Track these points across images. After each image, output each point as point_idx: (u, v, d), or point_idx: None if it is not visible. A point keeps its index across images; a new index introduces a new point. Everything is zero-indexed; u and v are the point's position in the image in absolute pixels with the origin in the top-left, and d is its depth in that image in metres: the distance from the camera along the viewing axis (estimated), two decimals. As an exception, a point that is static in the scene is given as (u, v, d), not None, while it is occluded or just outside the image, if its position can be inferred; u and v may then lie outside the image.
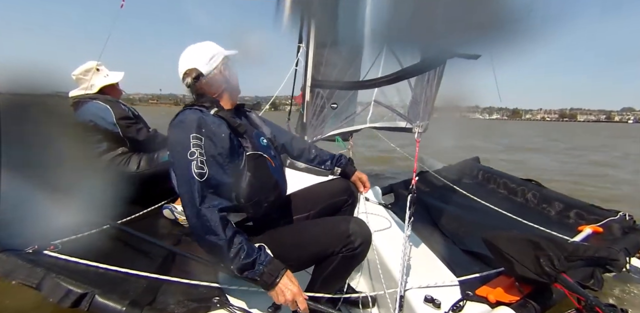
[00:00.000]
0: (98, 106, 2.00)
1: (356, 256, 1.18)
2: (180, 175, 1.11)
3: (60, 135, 1.34)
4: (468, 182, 3.08)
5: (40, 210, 1.15)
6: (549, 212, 2.38)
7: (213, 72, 1.27)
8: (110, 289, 1.07)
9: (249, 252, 1.04)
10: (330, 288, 1.25)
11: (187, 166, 1.09)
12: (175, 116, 1.22)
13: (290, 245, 1.20)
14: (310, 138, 3.05)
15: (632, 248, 1.68)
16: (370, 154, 6.39)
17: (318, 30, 2.68)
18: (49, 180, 1.22)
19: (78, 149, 1.62)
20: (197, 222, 1.05)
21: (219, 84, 1.30)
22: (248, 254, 1.03)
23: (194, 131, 1.13)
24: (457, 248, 1.92)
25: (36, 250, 1.22)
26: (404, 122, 2.82)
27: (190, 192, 1.06)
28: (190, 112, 1.19)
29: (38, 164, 1.25)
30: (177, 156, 1.12)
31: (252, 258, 1.03)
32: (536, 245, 1.25)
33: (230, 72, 1.33)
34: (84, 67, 2.10)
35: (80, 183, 1.27)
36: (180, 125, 1.16)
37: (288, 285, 1.04)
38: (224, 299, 1.15)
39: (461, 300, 1.21)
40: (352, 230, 1.18)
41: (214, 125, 1.18)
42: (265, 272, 1.03)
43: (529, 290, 1.26)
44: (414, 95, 2.64)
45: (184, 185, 1.08)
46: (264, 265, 1.04)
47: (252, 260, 1.03)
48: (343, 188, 1.54)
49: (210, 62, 1.27)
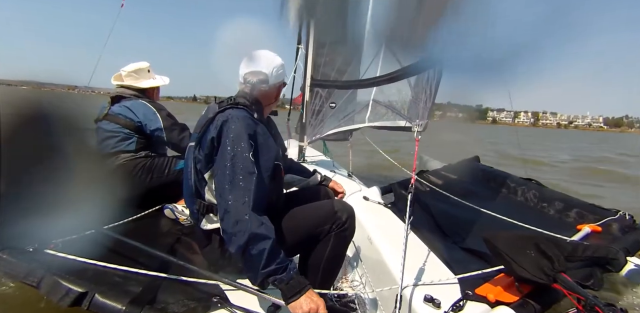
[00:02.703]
0: (147, 108, 2.00)
1: (346, 231, 1.27)
2: (237, 173, 1.09)
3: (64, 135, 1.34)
4: (468, 181, 3.08)
5: (40, 210, 1.14)
6: (548, 211, 2.38)
7: (274, 84, 1.34)
8: (110, 288, 1.07)
9: (283, 257, 1.06)
10: (329, 277, 1.31)
11: (249, 166, 1.10)
12: (215, 115, 1.21)
13: (284, 230, 1.23)
14: (309, 137, 3.05)
15: (631, 247, 1.68)
16: (370, 153, 6.39)
17: (318, 30, 2.68)
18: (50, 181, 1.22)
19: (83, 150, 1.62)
20: (242, 227, 1.04)
21: (270, 97, 1.38)
22: (283, 260, 1.05)
23: (250, 132, 1.16)
24: (457, 247, 1.92)
25: (36, 249, 1.22)
26: (403, 121, 2.82)
27: (242, 196, 1.07)
28: (239, 112, 1.20)
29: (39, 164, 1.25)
30: (237, 155, 1.11)
31: (285, 263, 1.04)
32: (535, 246, 1.25)
33: (279, 93, 1.43)
34: (137, 66, 2.12)
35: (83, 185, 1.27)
36: (237, 123, 1.16)
37: (313, 297, 1.03)
38: (224, 299, 1.14)
39: (461, 300, 1.21)
40: (336, 207, 1.29)
41: (262, 130, 1.22)
42: (294, 279, 1.03)
43: (528, 289, 1.26)
44: (414, 94, 2.64)
45: (236, 188, 1.08)
46: (294, 272, 1.05)
47: (286, 265, 1.04)
48: (324, 193, 1.64)
49: (278, 75, 1.34)
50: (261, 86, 1.31)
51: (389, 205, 2.20)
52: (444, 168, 3.40)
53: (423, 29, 1.30)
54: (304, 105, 2.99)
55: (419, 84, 2.60)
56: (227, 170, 1.10)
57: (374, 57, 2.57)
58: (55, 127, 1.32)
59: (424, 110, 2.37)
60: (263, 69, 1.30)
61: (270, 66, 1.31)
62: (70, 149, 1.34)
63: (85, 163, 1.38)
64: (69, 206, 1.13)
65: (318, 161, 3.09)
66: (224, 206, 1.08)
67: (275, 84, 1.35)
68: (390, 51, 2.29)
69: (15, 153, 1.16)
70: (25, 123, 1.24)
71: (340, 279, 1.67)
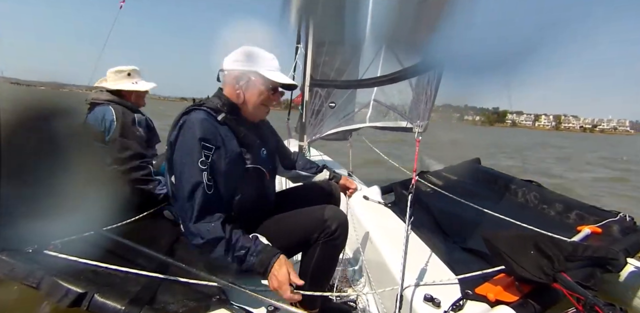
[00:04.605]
0: (110, 114, 1.87)
1: (335, 240, 1.21)
2: (184, 185, 1.10)
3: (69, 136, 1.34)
4: (469, 182, 3.08)
5: (40, 211, 1.14)
6: (549, 212, 2.38)
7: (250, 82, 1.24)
8: (109, 289, 1.07)
9: (243, 245, 1.07)
10: (320, 282, 1.26)
11: (195, 175, 1.09)
12: (179, 117, 1.18)
13: (272, 235, 1.21)
14: (309, 137, 3.05)
15: (631, 248, 1.68)
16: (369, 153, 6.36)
17: (317, 30, 2.67)
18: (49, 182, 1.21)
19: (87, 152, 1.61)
20: (195, 233, 1.09)
21: (249, 96, 1.25)
22: (241, 247, 1.07)
23: (205, 136, 1.12)
24: (457, 247, 1.92)
25: (36, 250, 1.22)
26: (404, 122, 2.82)
27: (191, 207, 1.09)
28: (197, 114, 1.16)
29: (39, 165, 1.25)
30: (185, 163, 1.11)
31: (244, 250, 1.07)
32: (535, 245, 1.25)
33: (266, 93, 1.27)
34: (118, 67, 2.06)
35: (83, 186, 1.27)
36: (189, 130, 1.13)
37: (275, 272, 1.04)
38: (224, 298, 1.14)
39: (461, 299, 1.21)
40: (327, 215, 1.21)
41: (224, 133, 1.17)
42: (256, 262, 1.06)
43: (528, 289, 1.26)
44: (415, 95, 2.64)
45: (187, 197, 1.09)
46: (254, 256, 1.06)
47: (244, 253, 1.07)
48: (326, 192, 1.56)
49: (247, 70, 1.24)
50: (228, 84, 1.24)
51: (389, 204, 2.20)
52: (444, 170, 3.40)
53: (424, 31, 1.30)
54: (303, 105, 3.00)
55: (420, 85, 2.60)
56: (176, 180, 1.13)
57: (374, 57, 2.57)
58: (56, 127, 1.32)
59: (424, 111, 2.36)
60: (228, 64, 1.24)
61: (236, 61, 1.22)
62: (71, 149, 1.34)
63: (85, 164, 1.38)
64: (68, 207, 1.13)
65: (318, 161, 3.09)
66: (179, 214, 1.15)
67: (248, 82, 1.22)
68: (391, 52, 2.29)
69: (15, 154, 1.16)
70: (25, 123, 1.24)
71: (341, 279, 1.67)
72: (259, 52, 1.26)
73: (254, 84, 1.23)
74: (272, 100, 1.29)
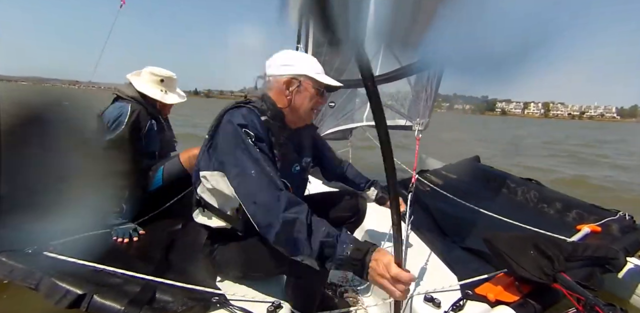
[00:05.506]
0: (123, 111, 1.76)
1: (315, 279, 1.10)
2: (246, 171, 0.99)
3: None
4: (468, 180, 3.08)
5: (40, 212, 1.14)
6: (548, 211, 2.38)
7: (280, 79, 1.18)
8: (108, 289, 1.07)
9: (329, 231, 0.91)
10: (308, 302, 1.18)
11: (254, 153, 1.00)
12: (222, 113, 1.12)
13: (255, 258, 1.17)
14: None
15: (631, 247, 1.68)
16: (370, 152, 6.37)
17: (316, 30, 2.66)
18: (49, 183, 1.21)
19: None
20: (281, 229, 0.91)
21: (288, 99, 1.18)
22: (328, 233, 0.90)
23: (245, 124, 1.05)
24: (457, 246, 1.92)
25: (35, 250, 1.22)
26: (403, 120, 2.82)
27: (273, 196, 0.95)
28: (240, 110, 1.10)
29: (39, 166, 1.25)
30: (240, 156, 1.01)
31: (331, 238, 0.89)
32: (535, 246, 1.25)
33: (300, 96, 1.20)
34: (157, 71, 1.94)
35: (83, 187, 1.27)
36: (228, 123, 1.06)
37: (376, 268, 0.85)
38: (223, 298, 1.14)
39: (461, 300, 1.21)
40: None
41: (263, 133, 1.10)
42: (348, 257, 0.87)
43: (528, 289, 1.26)
44: (415, 93, 2.63)
45: (263, 190, 0.97)
46: (346, 244, 0.88)
47: (335, 239, 0.89)
48: (351, 205, 1.45)
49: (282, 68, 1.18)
50: (276, 90, 1.18)
51: (389, 204, 2.20)
52: (444, 168, 3.40)
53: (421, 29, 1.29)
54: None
55: (420, 83, 2.59)
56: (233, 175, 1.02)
57: (372, 56, 2.56)
58: (56, 128, 1.31)
59: (424, 108, 2.36)
60: (274, 70, 1.18)
61: (283, 66, 1.17)
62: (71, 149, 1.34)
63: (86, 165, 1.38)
64: (68, 208, 1.13)
65: None
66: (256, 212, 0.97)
67: (299, 86, 1.17)
68: (389, 50, 2.28)
69: (16, 155, 1.16)
70: (25, 124, 1.23)
71: (341, 279, 1.67)
72: (303, 55, 1.23)
73: (305, 88, 1.18)
74: (320, 103, 1.25)
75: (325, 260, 0.89)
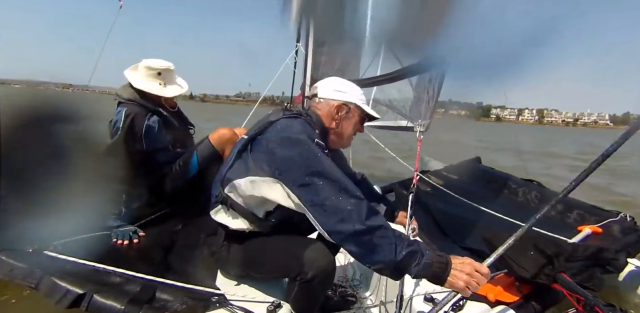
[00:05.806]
0: (119, 116, 1.73)
1: (313, 287, 1.08)
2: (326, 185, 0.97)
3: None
4: (469, 181, 3.07)
5: (40, 212, 1.15)
6: (549, 212, 2.37)
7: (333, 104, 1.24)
8: (109, 288, 1.07)
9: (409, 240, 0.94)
10: (307, 305, 1.17)
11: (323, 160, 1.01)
12: (276, 119, 1.12)
13: (258, 260, 1.18)
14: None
15: (632, 248, 1.67)
16: (370, 152, 6.38)
17: (317, 29, 2.67)
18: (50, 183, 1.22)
19: None
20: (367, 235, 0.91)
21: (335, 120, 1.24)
22: (409, 242, 0.93)
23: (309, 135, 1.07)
24: (457, 247, 1.92)
25: (36, 250, 1.22)
26: (404, 121, 2.81)
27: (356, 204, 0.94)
28: (299, 120, 1.12)
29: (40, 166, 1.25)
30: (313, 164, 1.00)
31: (414, 245, 0.92)
32: (535, 246, 1.25)
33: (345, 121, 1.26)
34: (152, 64, 1.86)
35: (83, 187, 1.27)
36: (290, 128, 1.08)
37: (460, 269, 0.90)
38: (223, 298, 1.14)
39: (461, 300, 1.21)
40: (305, 258, 1.06)
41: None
42: (429, 263, 0.90)
43: (528, 289, 1.26)
44: (416, 94, 2.63)
45: (344, 198, 0.95)
46: (427, 255, 0.91)
47: (417, 247, 0.92)
48: None
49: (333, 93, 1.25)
50: (326, 112, 1.23)
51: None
52: (445, 169, 3.39)
53: (425, 31, 1.29)
54: (304, 105, 2.99)
55: (421, 84, 2.58)
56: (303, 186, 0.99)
57: (374, 57, 2.56)
58: (56, 128, 1.32)
59: (426, 109, 2.35)
60: (327, 93, 1.25)
61: (337, 91, 1.25)
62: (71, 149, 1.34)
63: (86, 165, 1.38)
64: (68, 208, 1.13)
65: None
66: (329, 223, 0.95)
67: (348, 113, 1.24)
68: (390, 51, 2.28)
69: (16, 155, 1.16)
70: (25, 124, 1.24)
71: (341, 279, 1.67)
72: (354, 86, 1.30)
73: (352, 114, 1.26)
74: (360, 130, 1.34)
75: (408, 266, 0.90)
